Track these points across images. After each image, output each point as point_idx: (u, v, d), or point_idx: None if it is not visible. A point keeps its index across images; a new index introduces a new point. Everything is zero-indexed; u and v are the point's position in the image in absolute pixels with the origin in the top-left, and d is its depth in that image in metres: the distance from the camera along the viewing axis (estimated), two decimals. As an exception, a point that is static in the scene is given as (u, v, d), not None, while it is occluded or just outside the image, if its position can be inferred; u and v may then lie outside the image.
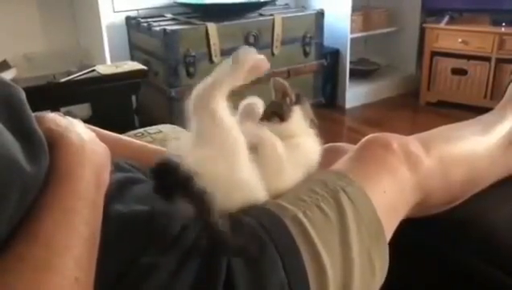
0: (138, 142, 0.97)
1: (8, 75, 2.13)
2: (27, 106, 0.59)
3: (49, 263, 0.51)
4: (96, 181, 0.61)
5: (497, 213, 0.98)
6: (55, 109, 1.81)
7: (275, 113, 0.84)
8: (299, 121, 0.86)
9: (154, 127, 1.24)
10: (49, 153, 0.58)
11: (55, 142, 0.60)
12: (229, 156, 0.72)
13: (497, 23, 3.00)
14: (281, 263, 0.65)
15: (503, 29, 2.95)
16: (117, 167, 0.73)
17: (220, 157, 0.71)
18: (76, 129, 0.65)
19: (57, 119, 0.65)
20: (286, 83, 0.87)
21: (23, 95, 0.60)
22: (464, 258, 0.97)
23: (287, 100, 0.86)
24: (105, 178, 0.65)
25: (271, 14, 2.71)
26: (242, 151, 0.73)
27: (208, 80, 0.72)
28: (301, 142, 0.84)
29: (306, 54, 2.87)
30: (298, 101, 0.87)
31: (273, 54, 2.72)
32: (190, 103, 0.73)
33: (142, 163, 0.83)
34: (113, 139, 0.90)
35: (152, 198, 0.68)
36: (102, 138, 0.73)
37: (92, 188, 0.60)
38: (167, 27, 2.38)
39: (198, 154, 0.70)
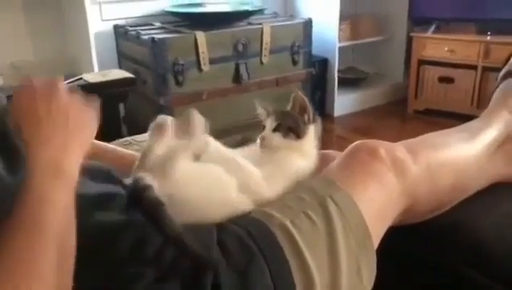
0: (124, 150, 0.96)
1: (-6, 83, 2.11)
2: (9, 116, 0.59)
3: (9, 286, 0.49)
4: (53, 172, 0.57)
5: (484, 219, 0.99)
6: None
7: (292, 129, 0.85)
8: (311, 141, 0.87)
9: (142, 135, 1.23)
10: None
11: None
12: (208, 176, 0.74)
13: (482, 32, 3.04)
14: (268, 270, 0.65)
15: (489, 38, 2.98)
16: (107, 175, 0.72)
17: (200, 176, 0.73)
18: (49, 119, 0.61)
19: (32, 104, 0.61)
20: (306, 99, 0.87)
21: (5, 102, 0.59)
22: (452, 265, 0.97)
23: (305, 117, 0.86)
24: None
25: (260, 23, 2.72)
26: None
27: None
28: (299, 166, 0.85)
29: (294, 63, 2.88)
30: (313, 120, 0.88)
31: (262, 63, 2.72)
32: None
33: (128, 171, 0.82)
34: (100, 148, 0.90)
35: (135, 210, 0.68)
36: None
37: (64, 195, 0.57)
38: (155, 36, 2.37)
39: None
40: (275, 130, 0.85)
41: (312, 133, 0.87)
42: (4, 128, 0.57)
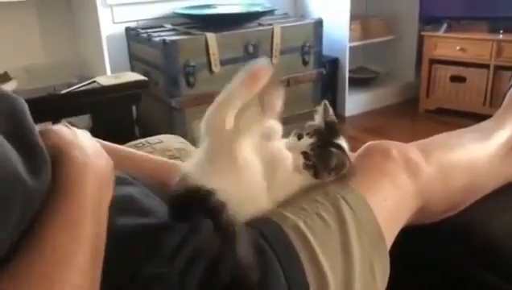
0: (139, 152, 0.97)
1: (9, 87, 2.14)
2: (30, 119, 0.60)
3: (54, 276, 0.52)
4: (99, 194, 0.62)
5: (497, 220, 0.98)
6: (55, 120, 1.82)
7: (315, 168, 0.80)
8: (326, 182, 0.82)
9: (154, 137, 1.24)
10: (52, 169, 0.59)
11: (58, 158, 0.61)
12: (237, 174, 0.72)
13: (494, 30, 3.02)
14: (282, 271, 0.66)
15: (501, 36, 2.96)
16: (120, 180, 0.73)
17: (228, 174, 0.72)
18: (79, 143, 0.66)
19: (62, 133, 0.66)
20: (348, 160, 0.81)
21: (26, 107, 0.60)
22: (465, 266, 0.96)
23: (333, 170, 0.81)
24: (108, 191, 0.65)
25: (270, 24, 2.73)
26: (251, 168, 0.73)
27: (219, 97, 0.70)
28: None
29: (305, 63, 2.88)
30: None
31: (272, 63, 2.72)
32: (203, 124, 0.72)
33: (143, 173, 0.83)
34: (115, 150, 0.91)
35: (153, 211, 0.69)
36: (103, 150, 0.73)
37: (95, 201, 0.60)
38: (166, 38, 2.39)
39: (208, 170, 0.71)
40: (303, 153, 0.80)
41: (331, 179, 0.82)
42: (23, 127, 0.58)
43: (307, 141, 0.81)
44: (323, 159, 0.81)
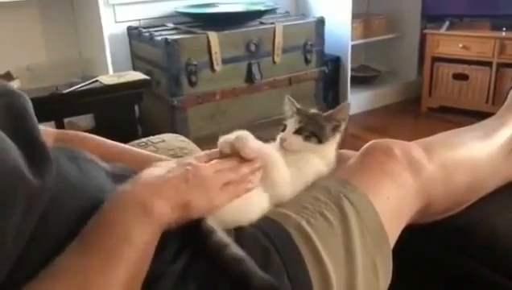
0: (135, 149, 0.97)
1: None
2: (33, 116, 0.59)
3: None
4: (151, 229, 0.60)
5: (499, 219, 0.98)
6: (58, 120, 1.82)
7: (315, 134, 0.84)
8: (331, 148, 0.87)
9: (157, 136, 1.24)
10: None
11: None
12: None
13: (497, 28, 3.01)
14: (285, 270, 0.66)
15: (504, 34, 2.95)
16: (124, 178, 0.73)
17: None
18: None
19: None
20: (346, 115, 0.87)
21: (29, 103, 0.60)
22: (466, 264, 0.96)
23: (333, 123, 0.86)
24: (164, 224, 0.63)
25: (272, 23, 2.72)
26: None
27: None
28: (319, 170, 0.85)
29: (307, 61, 2.87)
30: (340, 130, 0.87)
31: (274, 62, 2.73)
32: None
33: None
34: (119, 149, 0.91)
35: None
36: (107, 149, 0.73)
37: (146, 235, 0.59)
38: (168, 37, 2.39)
39: None
40: (296, 132, 0.83)
41: (335, 142, 0.87)
42: (26, 123, 0.58)
43: (291, 122, 0.84)
44: (314, 120, 0.85)
